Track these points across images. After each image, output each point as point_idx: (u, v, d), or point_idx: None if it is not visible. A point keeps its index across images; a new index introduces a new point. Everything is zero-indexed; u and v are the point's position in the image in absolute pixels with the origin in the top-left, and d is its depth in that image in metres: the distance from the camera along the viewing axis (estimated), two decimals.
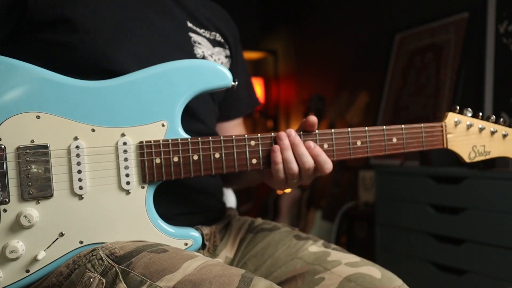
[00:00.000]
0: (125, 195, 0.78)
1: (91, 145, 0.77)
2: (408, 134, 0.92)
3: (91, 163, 0.77)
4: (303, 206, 2.98)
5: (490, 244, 1.54)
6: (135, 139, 0.78)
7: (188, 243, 0.81)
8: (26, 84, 0.75)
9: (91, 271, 0.72)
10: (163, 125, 0.80)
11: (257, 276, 0.71)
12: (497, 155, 1.01)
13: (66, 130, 0.76)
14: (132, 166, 0.78)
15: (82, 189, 0.76)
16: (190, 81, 0.81)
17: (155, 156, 0.79)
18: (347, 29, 2.95)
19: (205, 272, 0.68)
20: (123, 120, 0.78)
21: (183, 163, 0.80)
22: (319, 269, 0.85)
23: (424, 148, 0.95)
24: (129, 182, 0.78)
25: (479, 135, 1.00)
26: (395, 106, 2.42)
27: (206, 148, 0.81)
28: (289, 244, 0.92)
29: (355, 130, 0.88)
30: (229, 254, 0.96)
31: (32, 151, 0.74)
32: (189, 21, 0.99)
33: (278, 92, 3.86)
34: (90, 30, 0.84)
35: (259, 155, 0.83)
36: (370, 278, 0.81)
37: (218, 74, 0.82)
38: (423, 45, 2.34)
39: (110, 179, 0.78)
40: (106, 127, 0.78)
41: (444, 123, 0.96)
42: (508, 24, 1.92)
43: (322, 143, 0.86)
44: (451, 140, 0.97)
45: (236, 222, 1.03)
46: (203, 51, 0.98)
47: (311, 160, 0.83)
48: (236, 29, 1.13)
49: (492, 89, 1.97)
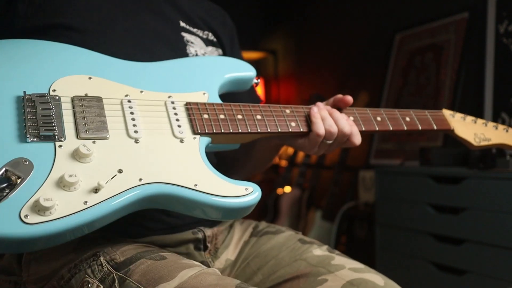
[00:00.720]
0: (179, 142, 0.79)
1: (142, 100, 0.81)
2: (417, 116, 1.00)
3: (144, 112, 0.80)
4: (303, 206, 2.98)
5: (490, 244, 1.54)
6: (181, 101, 0.84)
7: (248, 189, 0.77)
8: (78, 55, 0.81)
9: (90, 276, 0.72)
10: (204, 93, 0.87)
11: (253, 285, 0.70)
12: (497, 142, 1.07)
13: (117, 89, 0.81)
14: (183, 118, 0.81)
15: (137, 133, 0.76)
16: (227, 66, 0.94)
17: (202, 112, 0.83)
18: (347, 29, 2.95)
19: (199, 281, 0.68)
20: (170, 87, 0.85)
21: (230, 119, 0.85)
22: (323, 271, 0.85)
23: (435, 128, 1.01)
24: (182, 132, 0.80)
25: (474, 125, 1.07)
26: (395, 106, 2.42)
27: (247, 109, 0.87)
28: (294, 247, 0.92)
29: (372, 109, 0.98)
30: (230, 257, 0.96)
31: (87, 99, 0.76)
32: (182, 21, 0.99)
33: (278, 92, 3.86)
34: (81, 31, 0.85)
35: (296, 119, 0.91)
36: (373, 284, 0.81)
37: (247, 66, 0.96)
38: (423, 45, 2.34)
39: (164, 126, 0.80)
40: (154, 92, 0.83)
41: (443, 113, 1.03)
42: (508, 24, 1.92)
43: (348, 116, 0.94)
44: (455, 126, 1.03)
45: (240, 225, 1.03)
46: (196, 50, 0.98)
47: (347, 124, 0.90)
48: (234, 28, 1.13)
49: (492, 89, 1.97)
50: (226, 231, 1.00)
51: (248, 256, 0.94)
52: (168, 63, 0.88)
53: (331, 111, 0.92)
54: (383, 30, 2.61)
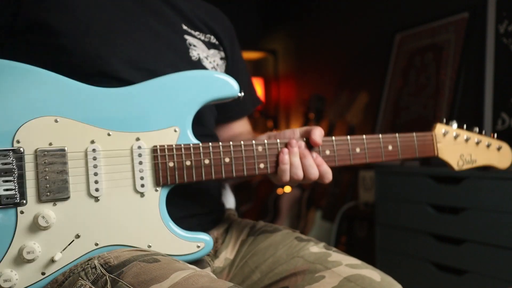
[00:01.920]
0: (140, 197, 0.80)
1: (107, 148, 0.78)
2: (402, 142, 0.98)
3: (107, 166, 0.78)
4: (303, 206, 2.98)
5: (490, 244, 1.54)
6: (149, 143, 0.81)
7: (200, 246, 0.82)
8: (44, 89, 0.76)
9: (83, 279, 0.73)
10: (175, 130, 0.82)
11: (251, 284, 0.70)
12: (482, 163, 1.08)
13: (83, 134, 0.78)
14: (147, 169, 0.80)
15: (98, 191, 0.77)
16: (201, 91, 0.85)
17: (169, 160, 0.81)
18: (347, 29, 2.95)
19: (191, 282, 0.68)
20: (138, 125, 0.81)
21: (195, 167, 0.82)
22: (320, 268, 0.85)
23: (417, 156, 1.00)
24: (143, 185, 0.80)
25: (465, 144, 1.06)
26: (395, 106, 2.42)
27: (216, 152, 0.84)
28: (291, 245, 0.92)
29: (354, 138, 0.93)
30: (229, 256, 0.96)
31: (50, 153, 0.75)
32: (184, 24, 0.99)
33: (278, 92, 3.86)
34: (84, 33, 0.84)
35: (266, 159, 0.87)
36: (370, 280, 0.81)
37: (226, 85, 0.86)
38: (423, 45, 2.34)
39: (126, 181, 0.79)
40: (122, 132, 0.80)
41: (434, 133, 1.03)
42: (508, 24, 1.92)
43: (324, 149, 0.90)
44: (440, 149, 1.03)
45: (238, 225, 1.03)
46: (199, 53, 0.98)
47: (316, 172, 0.87)
48: (233, 30, 1.13)
49: (492, 89, 1.97)
50: (224, 232, 1.01)
51: (246, 255, 0.95)
52: (140, 88, 0.82)
53: (303, 155, 0.87)
54: (383, 30, 2.61)
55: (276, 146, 0.88)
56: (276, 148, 0.88)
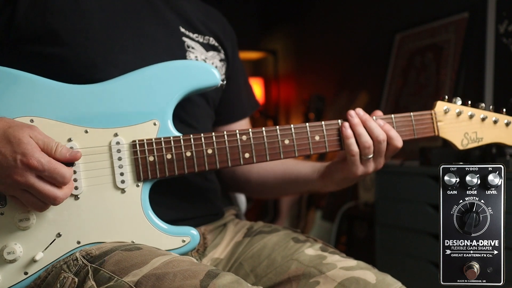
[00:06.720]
0: (121, 193, 0.79)
1: (85, 145, 0.78)
2: (399, 123, 0.93)
3: (85, 163, 0.78)
4: (303, 206, 2.98)
5: None
6: (128, 139, 0.79)
7: (185, 240, 0.81)
8: (18, 90, 0.76)
9: (66, 271, 0.74)
10: (154, 124, 0.81)
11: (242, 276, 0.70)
12: (489, 141, 0.99)
13: (60, 132, 0.77)
14: (126, 165, 0.79)
15: (77, 189, 0.77)
16: (180, 80, 0.82)
17: (148, 154, 0.80)
18: (347, 29, 2.95)
19: (171, 266, 0.69)
20: (116, 120, 0.79)
21: (177, 160, 0.81)
22: (314, 272, 0.84)
23: (416, 136, 0.94)
24: (124, 181, 0.79)
25: (469, 121, 0.98)
26: (395, 106, 2.42)
27: (198, 144, 0.82)
28: (286, 246, 0.92)
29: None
30: (219, 256, 0.95)
31: None
32: (182, 26, 0.98)
33: (278, 92, 3.86)
34: (80, 42, 0.84)
35: (251, 149, 0.84)
36: (365, 283, 0.80)
37: (207, 73, 0.84)
38: (423, 45, 2.34)
39: (105, 178, 0.78)
40: (99, 128, 0.79)
41: (434, 111, 0.96)
42: (508, 24, 1.92)
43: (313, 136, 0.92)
44: (442, 128, 0.96)
45: (234, 225, 1.03)
46: (197, 56, 0.97)
47: (383, 133, 0.87)
48: (233, 32, 1.13)
49: (492, 89, 1.97)
50: (217, 231, 1.00)
51: (240, 256, 0.94)
52: (116, 82, 0.81)
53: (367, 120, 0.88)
54: (383, 30, 2.60)
55: (262, 135, 0.84)
56: (262, 136, 0.84)
